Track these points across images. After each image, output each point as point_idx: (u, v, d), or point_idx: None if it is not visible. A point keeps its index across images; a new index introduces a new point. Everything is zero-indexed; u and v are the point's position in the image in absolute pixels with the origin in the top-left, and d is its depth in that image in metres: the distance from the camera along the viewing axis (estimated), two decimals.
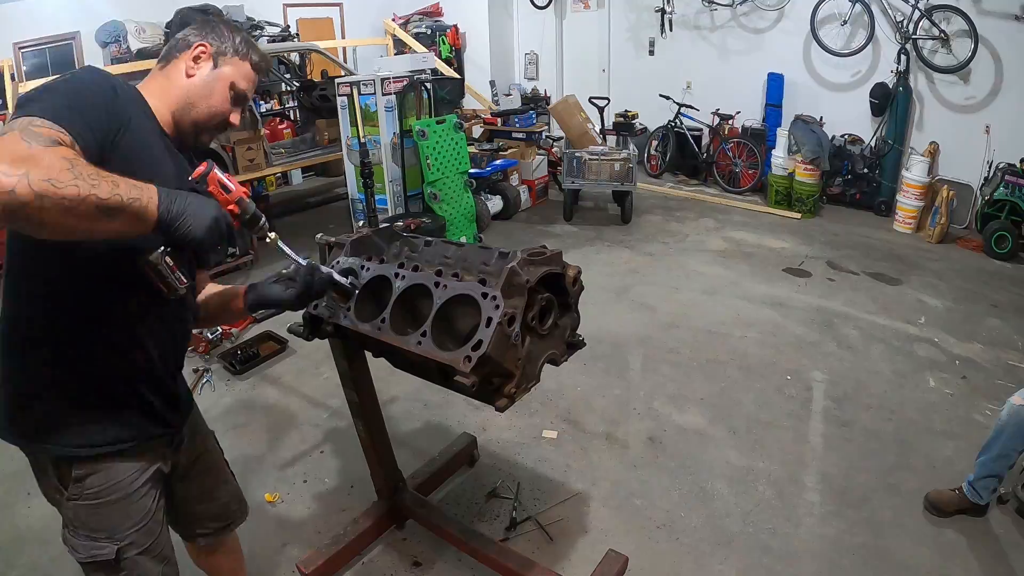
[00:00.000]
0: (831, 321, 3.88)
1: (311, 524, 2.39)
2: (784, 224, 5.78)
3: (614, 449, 2.77)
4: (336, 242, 1.77)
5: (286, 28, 6.96)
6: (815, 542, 2.26)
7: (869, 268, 4.70)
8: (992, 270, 4.69)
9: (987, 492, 2.26)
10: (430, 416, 3.04)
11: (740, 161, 6.69)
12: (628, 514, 2.40)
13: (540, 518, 2.37)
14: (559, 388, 3.19)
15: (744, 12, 6.68)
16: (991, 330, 3.76)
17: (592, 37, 7.97)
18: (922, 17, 5.41)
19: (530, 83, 8.70)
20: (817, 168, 5.80)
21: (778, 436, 2.84)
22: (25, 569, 2.23)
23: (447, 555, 2.22)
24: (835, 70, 6.18)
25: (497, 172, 6.00)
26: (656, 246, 5.25)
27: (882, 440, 2.79)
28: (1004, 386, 3.16)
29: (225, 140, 4.90)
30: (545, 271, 1.48)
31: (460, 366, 1.36)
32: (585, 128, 6.25)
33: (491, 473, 2.64)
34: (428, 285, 1.50)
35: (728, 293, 4.31)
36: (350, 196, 5.24)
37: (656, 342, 3.68)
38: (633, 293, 4.34)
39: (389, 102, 4.73)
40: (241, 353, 3.53)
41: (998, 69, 5.25)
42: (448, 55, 8.32)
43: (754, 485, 2.54)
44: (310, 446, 2.85)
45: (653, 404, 3.09)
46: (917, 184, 5.37)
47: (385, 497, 2.26)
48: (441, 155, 4.94)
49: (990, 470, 2.22)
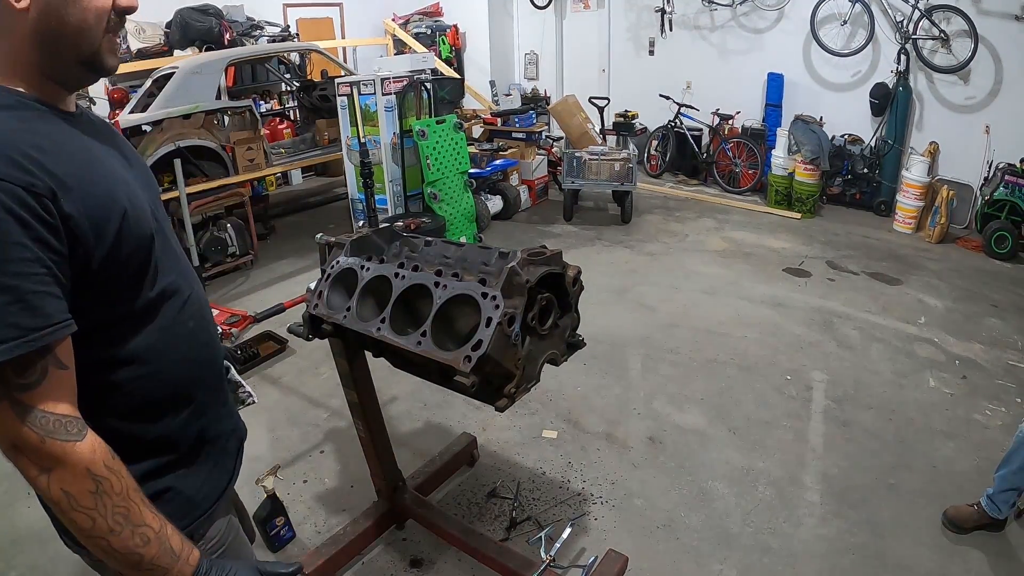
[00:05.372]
0: (831, 321, 3.88)
1: (311, 524, 2.39)
2: (784, 224, 5.78)
3: (614, 449, 2.77)
4: (336, 242, 1.77)
5: (286, 28, 6.97)
6: (815, 542, 2.26)
7: (869, 268, 4.70)
8: (992, 270, 4.69)
9: (1007, 506, 2.22)
10: (430, 416, 3.04)
11: (740, 161, 6.69)
12: (628, 514, 2.40)
13: (540, 518, 2.37)
14: (559, 388, 3.19)
15: (744, 12, 6.68)
16: (991, 330, 3.76)
17: (592, 37, 7.97)
18: (922, 17, 5.41)
19: (530, 83, 8.71)
20: (817, 168, 5.80)
21: (778, 436, 2.84)
22: (25, 569, 2.23)
23: (447, 555, 2.22)
24: (835, 70, 6.18)
25: (497, 172, 6.00)
26: (656, 246, 5.25)
27: (882, 440, 2.79)
28: (1004, 386, 3.17)
29: (225, 140, 4.90)
30: (545, 271, 1.48)
31: (460, 366, 1.36)
32: (585, 128, 6.26)
33: (491, 473, 2.63)
34: (428, 285, 1.50)
35: (728, 293, 4.31)
36: (350, 196, 5.24)
37: (656, 342, 3.68)
38: (633, 293, 4.34)
39: (389, 102, 4.73)
40: (241, 353, 3.52)
41: (998, 69, 5.25)
42: (448, 55, 8.32)
43: (754, 485, 2.54)
44: (310, 446, 2.85)
45: (653, 404, 3.09)
46: (917, 184, 5.37)
47: (385, 497, 2.26)
48: (441, 155, 4.94)
49: (1010, 483, 2.19)
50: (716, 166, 6.87)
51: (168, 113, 4.53)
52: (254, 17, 6.61)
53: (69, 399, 0.81)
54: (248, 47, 6.01)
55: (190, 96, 4.62)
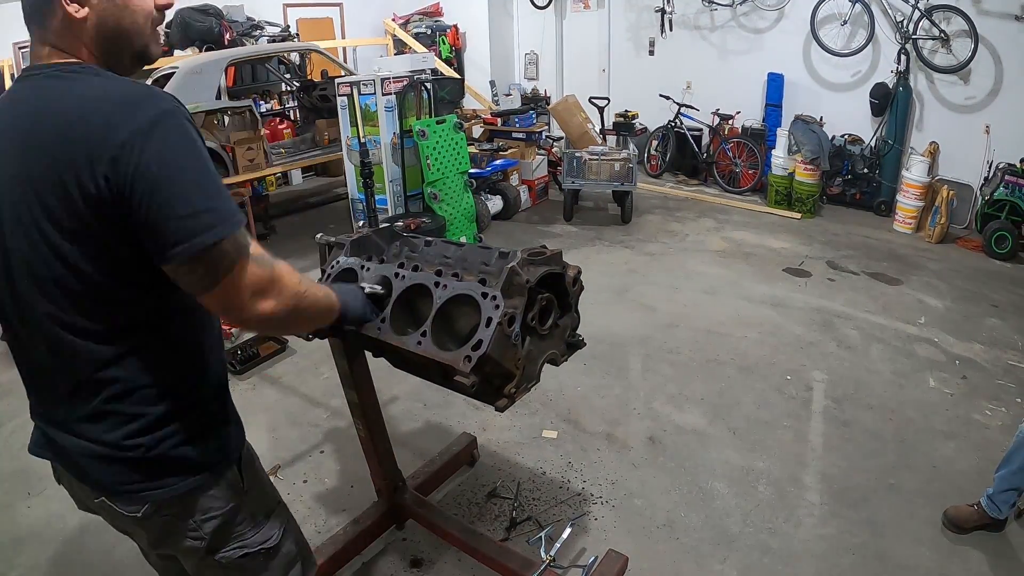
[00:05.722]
0: (831, 321, 3.88)
1: (311, 524, 2.39)
2: (784, 224, 5.78)
3: (614, 449, 2.78)
4: (336, 242, 1.77)
5: (286, 28, 6.97)
6: (815, 542, 2.26)
7: (869, 268, 4.70)
8: (992, 270, 4.70)
9: (1007, 506, 2.22)
10: (430, 416, 3.04)
11: (740, 161, 6.69)
12: (628, 514, 2.41)
13: (540, 518, 2.37)
14: (559, 388, 3.19)
15: (744, 12, 6.68)
16: (991, 330, 3.76)
17: (592, 37, 7.97)
18: (922, 17, 5.41)
19: (530, 83, 8.71)
20: (817, 168, 5.80)
21: (778, 436, 2.84)
22: (25, 569, 2.23)
23: (447, 555, 2.22)
24: (835, 70, 6.17)
25: (497, 172, 6.00)
26: (656, 246, 5.25)
27: (882, 440, 2.79)
28: (1004, 386, 3.17)
29: (225, 140, 4.90)
30: (545, 271, 1.48)
31: (460, 366, 1.35)
32: (585, 128, 6.26)
33: (491, 473, 2.64)
34: (428, 285, 1.50)
35: (728, 293, 4.31)
36: (350, 196, 5.24)
37: (656, 342, 3.68)
38: (633, 293, 4.34)
39: (389, 102, 4.73)
40: (241, 353, 3.53)
41: (998, 69, 5.25)
42: (448, 55, 8.32)
43: (754, 485, 2.54)
44: (310, 446, 2.85)
45: (653, 404, 3.09)
46: (917, 184, 5.37)
47: (385, 497, 2.26)
48: (441, 155, 4.94)
49: (1011, 483, 2.19)
50: (716, 166, 6.87)
51: None
52: (254, 17, 6.61)
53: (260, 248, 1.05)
54: (248, 47, 6.02)
55: (190, 96, 4.62)
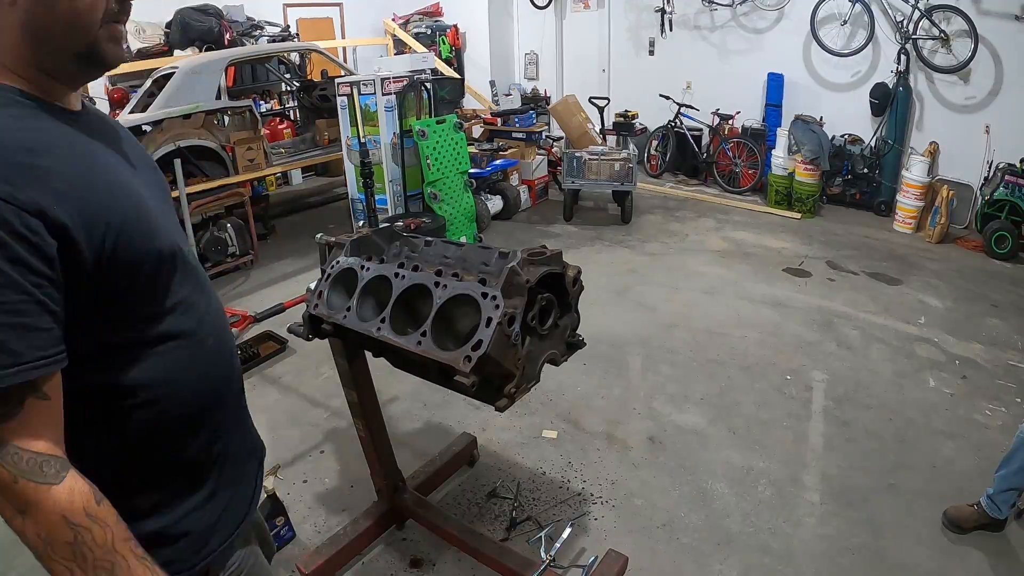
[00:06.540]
0: (831, 321, 3.88)
1: (311, 524, 2.39)
2: (784, 224, 5.78)
3: (614, 449, 2.77)
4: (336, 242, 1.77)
5: (286, 28, 6.97)
6: (815, 542, 2.26)
7: (869, 268, 4.70)
8: (992, 270, 4.69)
9: (1007, 506, 2.22)
10: (430, 416, 3.04)
11: (740, 161, 6.69)
12: (628, 514, 2.40)
13: (540, 518, 2.37)
14: (559, 388, 3.19)
15: (744, 12, 6.68)
16: (991, 330, 3.76)
17: (592, 37, 7.97)
18: (922, 17, 5.41)
19: (530, 83, 8.71)
20: (817, 168, 5.80)
21: (778, 436, 2.84)
22: (25, 569, 2.23)
23: (447, 555, 2.22)
24: (835, 70, 6.17)
25: (497, 172, 6.00)
26: (656, 246, 5.25)
27: (882, 440, 2.79)
28: (1004, 386, 3.17)
29: (225, 140, 4.90)
30: (545, 271, 1.48)
31: (460, 366, 1.36)
32: (585, 128, 6.26)
33: (491, 473, 2.63)
34: (428, 285, 1.50)
35: (728, 293, 4.31)
36: (350, 196, 5.24)
37: (656, 342, 3.68)
38: (633, 293, 4.34)
39: (389, 102, 4.73)
40: (241, 353, 3.53)
41: (998, 69, 5.25)
42: (448, 55, 8.32)
43: (754, 485, 2.54)
44: (310, 446, 2.85)
45: (653, 404, 3.09)
46: (917, 184, 5.37)
47: (385, 497, 2.26)
48: (441, 155, 4.94)
49: (1010, 483, 2.19)
50: (716, 166, 6.87)
51: (168, 113, 4.53)
52: (254, 17, 6.61)
53: (49, 435, 0.72)
54: (248, 47, 6.01)
55: (190, 96, 4.63)
